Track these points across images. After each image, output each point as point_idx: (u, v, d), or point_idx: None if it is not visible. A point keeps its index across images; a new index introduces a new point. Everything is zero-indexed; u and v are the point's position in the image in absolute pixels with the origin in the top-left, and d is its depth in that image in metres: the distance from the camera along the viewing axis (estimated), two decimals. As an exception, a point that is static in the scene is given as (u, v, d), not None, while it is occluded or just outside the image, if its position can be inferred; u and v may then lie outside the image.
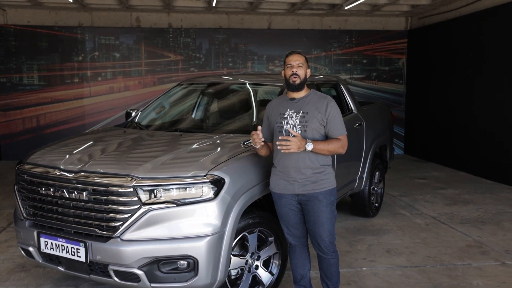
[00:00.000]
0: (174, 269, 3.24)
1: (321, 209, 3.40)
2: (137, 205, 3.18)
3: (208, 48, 10.38)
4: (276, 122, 3.46)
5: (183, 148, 3.68)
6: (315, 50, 10.75)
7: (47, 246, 3.46)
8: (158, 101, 5.08)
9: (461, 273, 4.46)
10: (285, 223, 3.55)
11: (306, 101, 3.44)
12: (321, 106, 3.40)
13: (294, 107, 3.43)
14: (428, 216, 6.27)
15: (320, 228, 3.44)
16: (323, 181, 3.41)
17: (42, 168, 3.58)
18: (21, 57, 9.80)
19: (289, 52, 3.52)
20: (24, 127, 9.87)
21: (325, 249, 3.50)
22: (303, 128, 3.37)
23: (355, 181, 5.54)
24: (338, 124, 3.43)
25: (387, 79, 11.08)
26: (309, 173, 3.37)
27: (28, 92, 9.87)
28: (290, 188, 3.41)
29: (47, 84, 9.91)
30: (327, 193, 3.42)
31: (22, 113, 9.84)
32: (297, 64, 3.42)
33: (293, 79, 3.41)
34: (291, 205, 3.47)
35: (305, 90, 3.49)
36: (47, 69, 9.88)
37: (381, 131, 6.12)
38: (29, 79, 9.86)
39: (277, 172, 3.47)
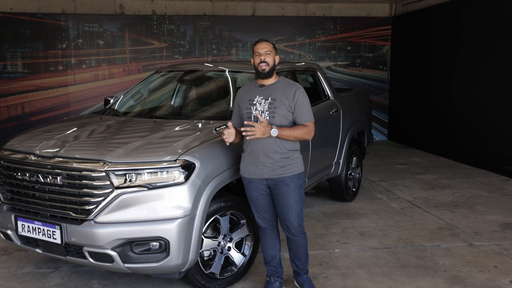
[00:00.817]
0: (147, 250, 3.36)
1: (289, 193, 3.53)
2: (110, 189, 3.29)
3: (192, 36, 10.43)
4: (246, 108, 3.57)
5: (156, 134, 3.79)
6: (299, 37, 10.83)
7: (24, 229, 3.58)
8: (137, 88, 5.17)
9: (429, 254, 4.63)
10: (255, 207, 3.68)
11: (275, 88, 3.54)
12: (289, 93, 3.50)
13: (263, 94, 3.54)
14: (404, 200, 6.43)
15: (289, 211, 3.57)
16: (291, 166, 3.52)
17: (18, 154, 3.68)
18: (4, 44, 9.79)
19: (257, 40, 3.60)
20: (9, 115, 9.90)
21: (294, 231, 3.64)
22: (271, 115, 3.47)
23: (332, 166, 5.67)
24: (305, 111, 3.53)
25: (371, 66, 11.20)
26: (277, 158, 3.48)
27: (12, 80, 9.89)
28: (259, 172, 3.53)
29: (31, 71, 9.93)
30: (295, 177, 3.54)
31: (6, 101, 9.86)
32: (265, 51, 3.50)
33: (262, 67, 3.50)
34: (260, 189, 3.59)
35: (274, 77, 3.59)
36: (31, 57, 9.89)
37: (358, 117, 6.25)
38: (13, 67, 9.88)
39: (246, 157, 3.59)
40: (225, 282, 3.87)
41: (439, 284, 4.00)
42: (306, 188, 5.23)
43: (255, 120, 3.47)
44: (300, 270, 3.80)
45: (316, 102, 5.40)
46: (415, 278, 4.10)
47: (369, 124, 6.76)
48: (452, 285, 3.98)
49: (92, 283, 3.99)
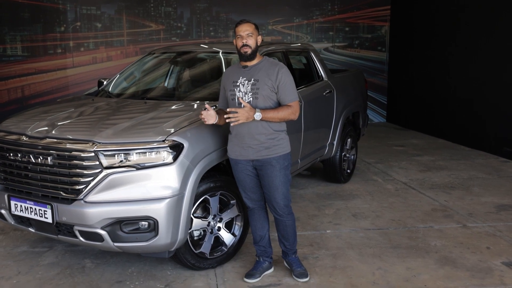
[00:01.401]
0: (136, 229, 3.41)
1: (275, 174, 3.55)
2: (99, 169, 3.33)
3: (190, 17, 10.39)
4: (229, 90, 3.58)
5: (145, 115, 3.82)
6: (297, 18, 10.76)
7: (17, 209, 3.63)
8: (130, 70, 5.19)
9: (421, 235, 4.66)
10: (243, 188, 3.71)
11: (258, 68, 3.53)
12: (272, 73, 3.49)
13: (246, 75, 3.53)
14: (399, 182, 6.46)
15: (275, 192, 3.60)
16: (276, 147, 3.54)
17: (11, 135, 3.72)
18: (4, 28, 9.80)
19: (238, 22, 3.55)
20: (9, 98, 9.94)
21: (280, 211, 3.67)
22: (254, 96, 3.48)
23: (325, 147, 5.69)
24: (288, 91, 3.51)
25: (370, 47, 11.13)
26: (263, 139, 3.50)
27: (12, 63, 9.91)
28: (244, 154, 3.55)
29: (31, 55, 9.94)
30: (280, 158, 3.56)
31: (6, 84, 9.90)
32: (246, 34, 3.47)
33: (244, 50, 3.49)
34: (247, 170, 3.62)
35: (257, 58, 3.57)
36: (30, 40, 9.90)
37: (353, 98, 6.24)
38: (13, 50, 9.89)
39: (232, 138, 3.61)
40: (215, 261, 3.92)
41: (430, 265, 4.03)
42: (299, 170, 5.28)
43: (238, 103, 3.47)
44: (288, 250, 3.84)
45: (309, 83, 5.40)
46: (405, 259, 4.14)
47: (364, 105, 6.75)
48: (443, 266, 4.02)
49: (85, 262, 4.06)
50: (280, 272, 3.90)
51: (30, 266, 3.98)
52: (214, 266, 3.93)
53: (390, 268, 3.98)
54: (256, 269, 3.82)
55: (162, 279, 3.77)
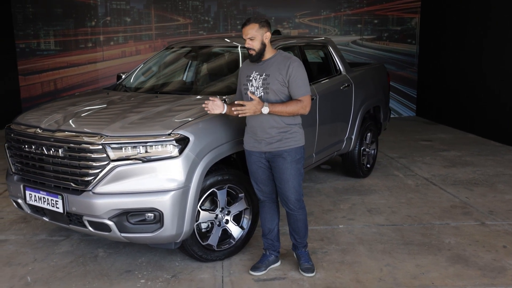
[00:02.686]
0: (142, 220, 3.49)
1: (286, 166, 3.57)
2: (106, 161, 3.42)
3: (217, 11, 10.46)
4: (243, 84, 3.63)
5: (155, 108, 3.89)
6: (324, 11, 10.67)
7: (32, 198, 3.78)
8: (148, 64, 5.28)
9: (436, 232, 4.58)
10: (255, 179, 3.74)
11: (270, 63, 3.55)
12: (283, 67, 3.49)
13: (258, 70, 3.56)
14: (421, 177, 6.35)
15: (285, 185, 3.61)
16: (288, 140, 3.55)
17: (26, 128, 3.87)
18: (38, 23, 10.14)
19: (243, 24, 3.56)
20: (42, 91, 10.28)
21: (291, 205, 3.69)
22: (265, 90, 3.50)
23: (343, 141, 5.65)
24: (299, 85, 3.51)
25: (399, 40, 10.93)
26: (274, 132, 3.52)
27: (45, 57, 10.24)
28: (258, 146, 3.59)
29: (63, 49, 10.25)
30: (292, 151, 3.57)
31: (40, 77, 10.25)
32: (248, 38, 3.48)
33: (250, 53, 3.53)
34: (260, 162, 3.65)
35: (270, 52, 3.58)
36: (62, 35, 10.20)
37: (372, 92, 6.16)
38: (46, 45, 10.22)
39: (248, 130, 3.66)
40: (223, 254, 3.97)
41: (440, 263, 3.97)
42: (315, 164, 5.27)
43: (251, 98, 3.50)
44: (298, 244, 3.85)
45: (326, 77, 5.36)
46: (416, 256, 4.08)
47: (386, 99, 6.65)
48: (454, 264, 3.94)
49: (98, 251, 4.18)
50: (286, 266, 3.92)
51: (46, 254, 4.13)
52: (221, 258, 3.98)
53: (399, 264, 3.94)
54: (262, 262, 3.85)
55: (170, 270, 3.85)
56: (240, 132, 3.93)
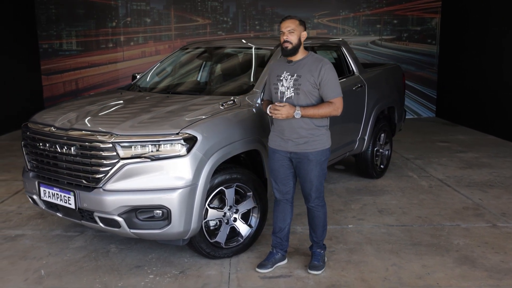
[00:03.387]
0: (151, 217, 3.58)
1: (311, 168, 3.64)
2: (116, 159, 3.52)
3: (235, 12, 10.55)
4: (273, 84, 3.69)
5: (164, 108, 3.98)
6: (343, 11, 10.66)
7: (46, 195, 3.91)
8: (162, 64, 5.39)
9: (445, 233, 4.57)
10: (274, 177, 3.80)
11: (302, 64, 3.60)
12: (315, 69, 3.54)
13: (290, 70, 3.61)
14: (435, 179, 6.32)
15: (308, 184, 3.70)
16: (315, 142, 3.61)
17: (41, 126, 4.00)
18: (60, 24, 10.39)
19: (282, 18, 3.63)
20: (64, 90, 10.53)
21: (312, 203, 3.78)
22: (296, 91, 3.55)
23: (355, 142, 5.67)
24: (331, 87, 3.55)
25: (419, 40, 10.85)
26: (303, 133, 3.58)
27: (67, 57, 10.49)
28: (284, 145, 3.65)
29: (84, 49, 10.49)
30: (318, 154, 3.63)
31: (62, 77, 10.50)
32: (288, 30, 3.54)
33: (285, 45, 3.56)
34: (283, 161, 3.71)
35: (302, 53, 3.63)
36: (84, 35, 10.44)
37: (386, 93, 6.16)
38: (68, 45, 10.46)
39: (274, 129, 3.73)
40: (231, 251, 4.04)
41: (447, 263, 3.97)
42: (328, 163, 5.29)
43: (280, 97, 3.59)
44: (315, 242, 3.92)
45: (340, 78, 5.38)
46: (423, 257, 4.09)
47: (400, 100, 6.63)
48: (460, 265, 3.94)
49: (110, 247, 4.30)
50: (293, 264, 3.97)
51: (60, 249, 4.27)
52: (229, 256, 4.05)
53: (405, 264, 3.95)
54: (269, 260, 3.91)
55: (178, 266, 3.94)
56: (248, 132, 4.01)
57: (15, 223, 4.86)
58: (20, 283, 3.68)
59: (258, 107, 4.22)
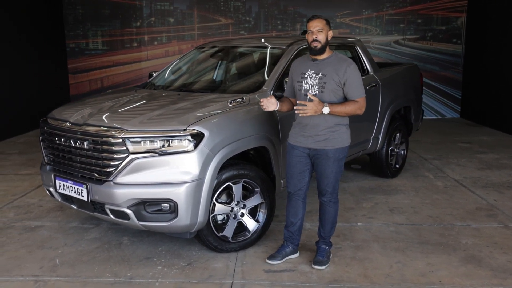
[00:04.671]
0: (158, 210, 3.71)
1: (328, 164, 3.73)
2: (126, 154, 3.66)
3: (258, 11, 10.64)
4: (297, 81, 3.77)
5: (174, 105, 4.10)
6: (366, 10, 10.63)
7: (61, 187, 4.08)
8: (178, 63, 5.52)
9: (455, 233, 4.56)
10: (291, 173, 3.88)
11: (327, 62, 3.68)
12: (340, 68, 3.62)
13: (314, 68, 3.70)
14: (451, 179, 6.27)
15: (325, 180, 3.79)
16: (335, 140, 3.69)
17: (57, 122, 4.18)
18: (87, 24, 10.69)
19: (310, 17, 3.72)
20: (90, 88, 10.83)
21: (325, 197, 3.87)
22: (321, 89, 3.64)
23: (369, 141, 5.69)
24: (356, 87, 3.65)
25: (444, 39, 10.72)
26: (324, 131, 3.67)
27: (93, 56, 10.79)
28: (304, 141, 3.74)
29: (110, 48, 10.77)
30: (337, 151, 3.72)
31: (88, 76, 10.80)
32: (316, 30, 3.63)
33: (314, 45, 3.65)
34: (301, 157, 3.80)
35: (327, 52, 3.72)
36: (109, 35, 10.71)
37: (402, 92, 6.14)
38: (94, 44, 10.75)
39: (295, 125, 3.82)
40: (238, 246, 4.13)
41: (452, 262, 3.97)
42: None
43: (304, 95, 3.67)
44: (321, 237, 3.98)
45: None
46: (429, 255, 4.10)
47: (417, 99, 6.60)
48: (466, 264, 3.94)
49: (123, 239, 4.45)
50: (298, 259, 4.03)
51: (75, 240, 4.44)
52: (237, 250, 4.14)
53: (409, 262, 3.97)
54: (279, 252, 4.00)
55: (186, 258, 4.06)
56: (256, 129, 4.09)
57: (35, 215, 5.07)
58: (36, 270, 3.86)
59: (267, 105, 4.29)
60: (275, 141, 4.30)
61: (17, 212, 5.14)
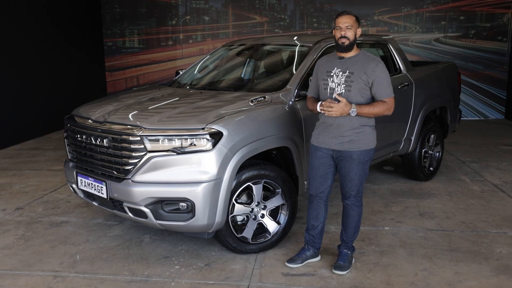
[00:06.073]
0: (176, 209, 3.66)
1: (352, 167, 3.60)
2: (144, 152, 3.63)
3: (293, 9, 10.50)
4: (322, 79, 3.64)
5: (194, 103, 4.05)
6: (405, 7, 10.31)
7: (82, 184, 4.11)
8: (204, 61, 5.48)
9: (488, 241, 4.33)
10: (313, 175, 3.76)
11: (354, 61, 3.55)
12: (368, 67, 3.49)
13: (341, 66, 3.57)
14: (489, 183, 5.98)
15: (348, 182, 3.66)
16: (360, 141, 3.56)
17: (80, 119, 4.20)
18: (123, 22, 10.84)
19: (339, 13, 3.60)
20: (126, 86, 10.98)
21: (348, 200, 3.74)
22: (347, 88, 3.51)
23: (400, 142, 5.49)
24: (384, 87, 3.51)
25: (488, 37, 10.27)
26: (349, 132, 3.53)
27: (129, 54, 10.94)
28: (328, 142, 3.61)
29: (145, 47, 10.88)
30: (362, 153, 3.58)
31: (124, 74, 10.95)
32: (345, 26, 3.49)
33: (342, 41, 3.52)
34: (325, 159, 3.67)
35: (354, 50, 3.58)
36: (145, 33, 10.83)
37: (437, 92, 5.89)
38: (130, 43, 10.90)
39: (319, 126, 3.70)
40: (258, 247, 4.04)
41: (483, 272, 3.76)
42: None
43: (330, 94, 3.55)
44: (343, 242, 3.85)
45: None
46: (458, 263, 3.89)
47: (454, 100, 6.32)
48: (498, 275, 3.71)
49: (144, 237, 4.44)
50: (319, 263, 3.92)
51: (97, 236, 4.46)
52: (256, 252, 4.05)
53: (436, 270, 3.78)
54: (299, 256, 3.89)
55: (205, 259, 4.00)
56: (278, 129, 3.99)
57: (62, 210, 5.13)
58: (56, 266, 3.89)
59: (291, 105, 4.19)
60: (298, 141, 4.18)
61: (45, 207, 5.22)
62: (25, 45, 8.49)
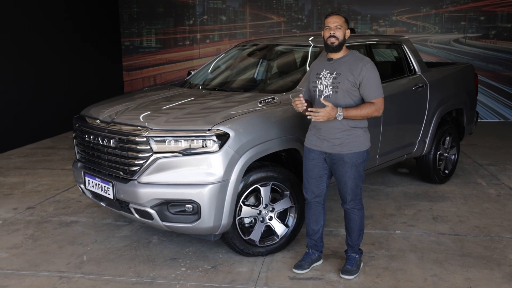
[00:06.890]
0: (182, 211, 3.64)
1: (345, 170, 3.54)
2: (150, 153, 3.62)
3: (311, 9, 10.42)
4: (312, 82, 3.62)
5: (202, 104, 4.03)
6: (424, 8, 10.14)
7: (90, 184, 4.12)
8: (215, 62, 5.45)
9: (502, 246, 4.22)
10: (307, 178, 3.72)
11: (342, 62, 3.50)
12: (355, 68, 3.44)
13: (329, 68, 3.53)
14: (506, 187, 5.84)
15: (343, 186, 3.61)
16: (351, 144, 3.50)
17: (88, 119, 4.21)
18: (141, 22, 10.91)
19: (328, 14, 3.57)
20: (143, 86, 11.04)
21: (347, 205, 3.68)
22: (335, 89, 3.46)
23: (414, 144, 5.39)
24: (372, 87, 3.44)
25: (509, 38, 10.04)
26: (339, 134, 3.49)
27: (147, 54, 10.99)
28: (319, 145, 3.57)
29: (163, 46, 10.92)
30: (354, 156, 3.52)
31: (142, 73, 11.01)
32: (335, 26, 3.45)
33: (331, 41, 3.47)
34: (318, 161, 3.63)
35: (343, 51, 3.54)
36: (162, 33, 10.86)
37: (453, 94, 5.77)
38: (148, 42, 10.95)
39: (311, 128, 3.66)
40: (265, 250, 4.00)
41: (495, 278, 3.66)
42: (379, 166, 5.09)
43: (318, 96, 3.52)
44: (349, 246, 3.79)
45: (395, 78, 5.15)
46: (469, 269, 3.80)
47: (471, 101, 6.18)
48: (509, 281, 3.61)
49: (153, 238, 4.44)
50: (327, 267, 3.86)
51: (106, 237, 4.47)
52: (264, 254, 4.01)
53: (446, 276, 3.69)
54: (305, 260, 3.84)
55: (212, 261, 3.98)
56: (286, 130, 3.94)
57: (73, 210, 5.17)
58: (62, 266, 3.91)
59: (300, 106, 4.13)
60: (306, 143, 4.13)
61: (56, 207, 5.26)
62: (43, 44, 8.59)
